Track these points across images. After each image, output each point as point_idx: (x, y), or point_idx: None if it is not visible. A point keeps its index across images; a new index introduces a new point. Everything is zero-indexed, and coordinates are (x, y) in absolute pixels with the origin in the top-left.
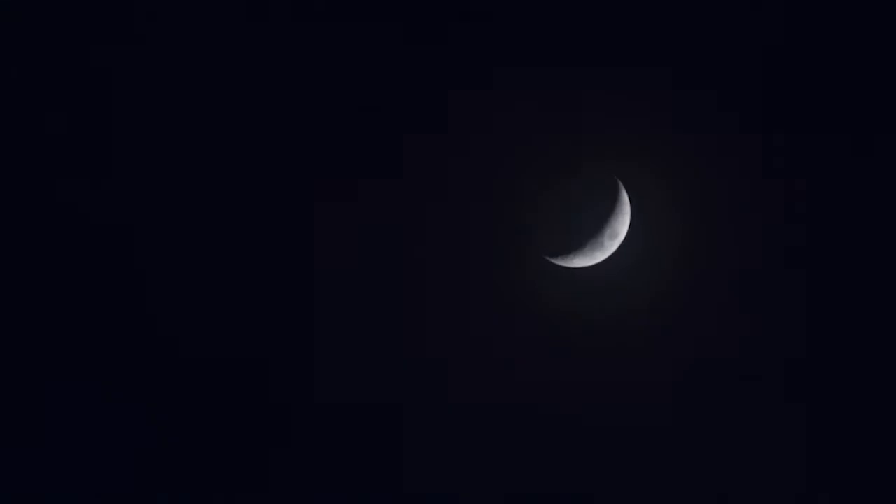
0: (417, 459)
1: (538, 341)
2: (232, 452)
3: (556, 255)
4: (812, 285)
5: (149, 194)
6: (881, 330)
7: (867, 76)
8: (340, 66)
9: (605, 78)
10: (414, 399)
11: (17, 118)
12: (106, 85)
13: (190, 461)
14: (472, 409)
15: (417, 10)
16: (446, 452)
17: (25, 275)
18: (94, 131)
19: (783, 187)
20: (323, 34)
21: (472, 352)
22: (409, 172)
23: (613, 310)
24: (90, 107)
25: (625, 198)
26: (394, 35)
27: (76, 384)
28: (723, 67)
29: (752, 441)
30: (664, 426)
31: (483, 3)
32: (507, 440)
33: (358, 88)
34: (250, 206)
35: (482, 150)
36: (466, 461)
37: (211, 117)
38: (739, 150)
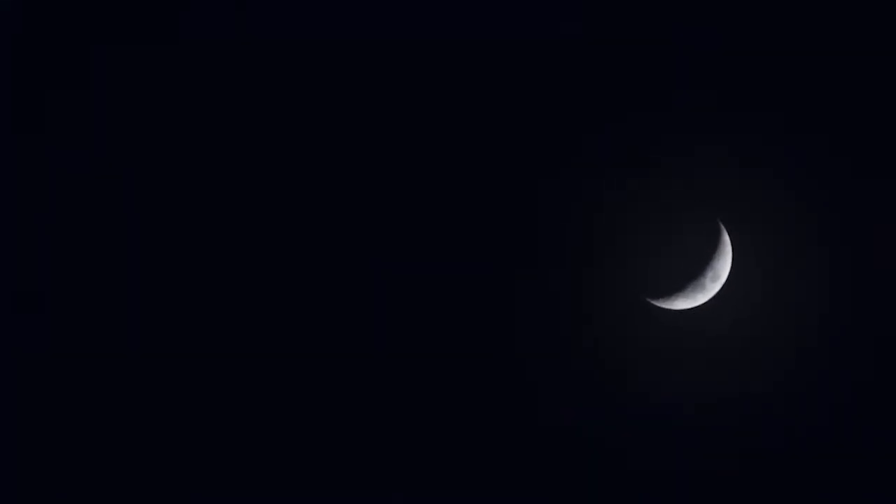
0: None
1: (638, 383)
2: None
3: (658, 296)
4: None
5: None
6: None
7: None
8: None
9: (709, 118)
10: (505, 437)
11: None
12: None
13: None
14: (562, 445)
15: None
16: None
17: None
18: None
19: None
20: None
21: (568, 393)
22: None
23: (715, 352)
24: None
25: (726, 239)
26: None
27: None
28: (831, 111)
29: None
30: (768, 484)
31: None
32: (600, 482)
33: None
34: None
35: (583, 189)
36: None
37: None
38: (848, 191)
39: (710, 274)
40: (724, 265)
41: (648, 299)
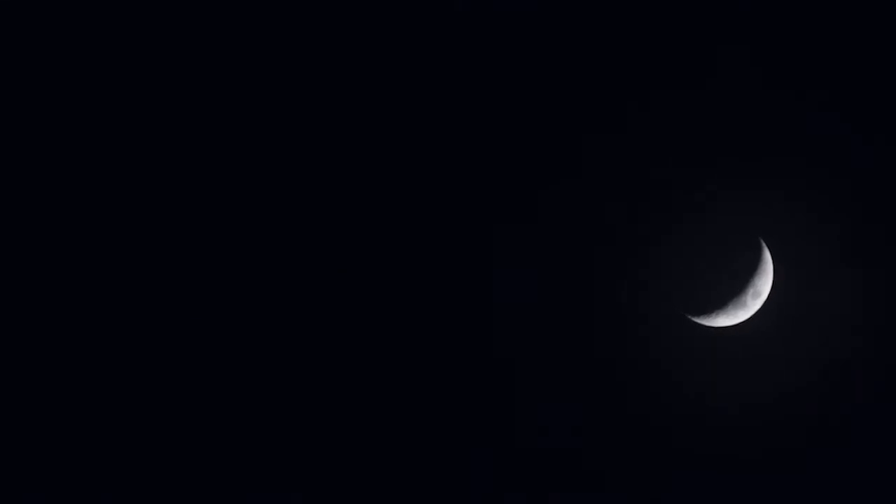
0: None
1: (679, 398)
2: None
3: (699, 313)
4: None
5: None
6: None
7: None
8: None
9: (752, 136)
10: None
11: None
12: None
13: None
14: (602, 466)
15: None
16: None
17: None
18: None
19: None
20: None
21: (611, 406)
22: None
23: (756, 368)
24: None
25: (767, 256)
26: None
27: None
28: (876, 124)
29: None
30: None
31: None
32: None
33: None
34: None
35: (625, 208)
36: None
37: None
38: (890, 209)
39: (751, 291)
40: (765, 283)
41: (690, 316)
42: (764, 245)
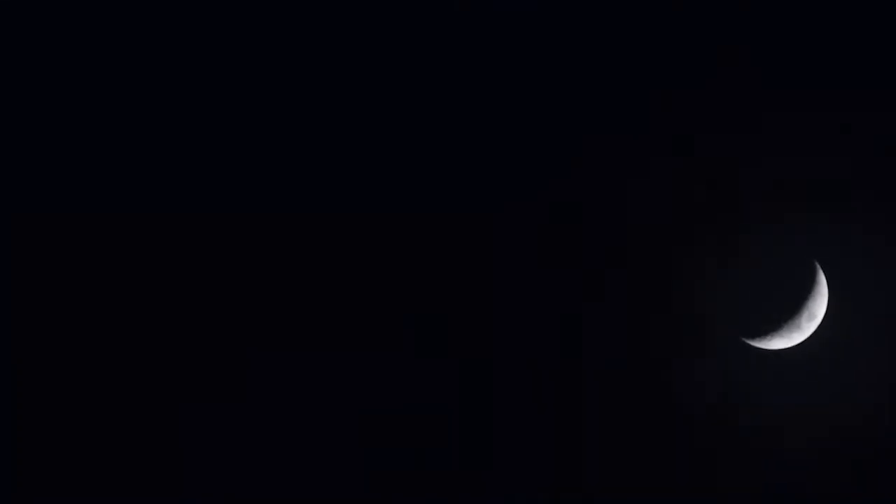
0: None
1: (735, 421)
2: None
3: (755, 336)
4: None
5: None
6: None
7: None
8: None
9: (805, 155)
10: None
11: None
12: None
13: None
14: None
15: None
16: None
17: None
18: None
19: None
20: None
21: (667, 431)
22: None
23: (811, 391)
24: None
25: (822, 279)
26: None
27: None
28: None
29: None
30: None
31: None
32: None
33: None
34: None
35: (675, 229)
36: None
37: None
38: None
39: (806, 314)
40: (819, 305)
41: (745, 339)
42: (819, 267)
